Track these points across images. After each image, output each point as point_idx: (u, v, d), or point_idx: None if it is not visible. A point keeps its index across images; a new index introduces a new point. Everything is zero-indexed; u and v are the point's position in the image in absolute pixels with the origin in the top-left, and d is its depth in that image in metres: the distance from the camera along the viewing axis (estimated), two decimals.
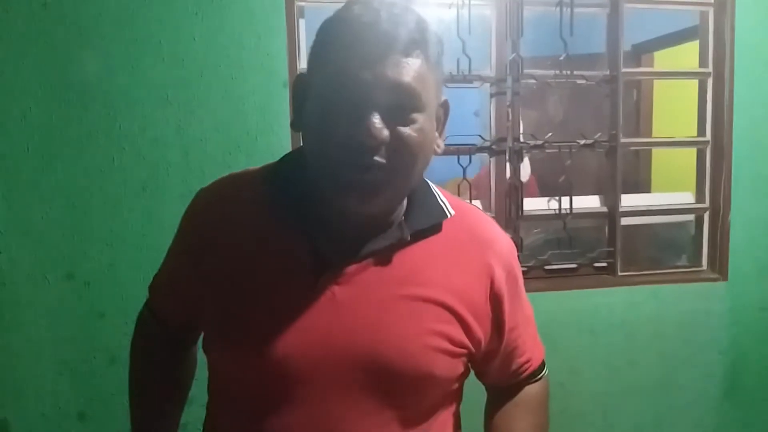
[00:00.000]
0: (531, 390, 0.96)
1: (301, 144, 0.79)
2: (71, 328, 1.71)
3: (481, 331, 0.83)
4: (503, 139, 2.01)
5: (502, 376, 0.94)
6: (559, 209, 2.06)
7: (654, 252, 2.61)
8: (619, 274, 2.08)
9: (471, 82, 1.99)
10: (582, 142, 2.04)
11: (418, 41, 0.71)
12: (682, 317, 2.07)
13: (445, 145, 2.01)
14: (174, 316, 0.94)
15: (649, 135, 3.32)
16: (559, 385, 1.96)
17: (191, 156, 1.73)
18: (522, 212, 2.04)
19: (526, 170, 2.15)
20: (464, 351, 0.82)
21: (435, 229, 0.83)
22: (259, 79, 1.74)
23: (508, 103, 2.00)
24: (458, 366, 0.82)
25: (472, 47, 1.94)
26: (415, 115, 0.72)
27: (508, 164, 2.03)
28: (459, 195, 1.74)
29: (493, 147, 2.02)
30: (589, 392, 2.05)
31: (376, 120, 0.69)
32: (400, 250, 0.80)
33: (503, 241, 0.89)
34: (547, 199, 2.12)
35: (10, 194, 1.65)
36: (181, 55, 1.70)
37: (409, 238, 0.80)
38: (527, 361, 0.94)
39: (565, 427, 2.02)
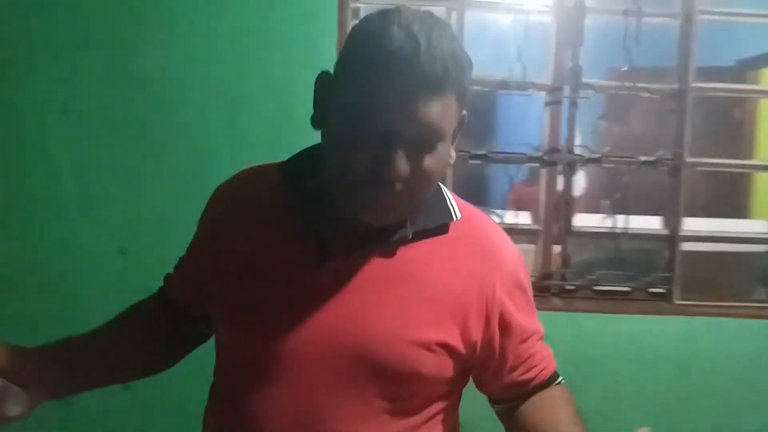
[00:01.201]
0: (558, 388, 0.92)
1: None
2: (122, 300, 1.81)
3: (476, 336, 0.82)
4: (555, 150, 1.94)
5: (516, 382, 0.89)
6: (614, 228, 1.95)
7: (722, 282, 2.40)
8: (676, 302, 1.94)
9: (526, 89, 1.94)
10: (643, 158, 1.93)
11: (452, 75, 0.71)
12: (744, 356, 1.89)
13: (496, 153, 1.95)
14: (183, 301, 0.97)
15: (750, 157, 3.07)
16: (599, 414, 1.84)
17: (239, 147, 1.80)
18: (571, 228, 1.95)
19: (580, 184, 2.06)
20: (454, 354, 0.81)
21: (440, 230, 0.83)
22: (309, 78, 1.74)
23: (566, 113, 1.93)
24: (447, 367, 0.81)
25: (528, 54, 1.90)
26: (437, 144, 0.73)
27: (561, 176, 1.96)
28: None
29: (545, 158, 1.95)
30: (633, 426, 1.91)
31: (401, 158, 0.70)
32: (403, 247, 0.81)
33: (509, 250, 0.88)
34: (602, 216, 2.02)
35: (77, 173, 1.79)
36: (234, 51, 1.78)
37: (410, 236, 0.80)
38: (543, 369, 0.90)
39: None
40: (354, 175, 0.73)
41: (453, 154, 0.82)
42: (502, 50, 1.91)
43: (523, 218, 2.04)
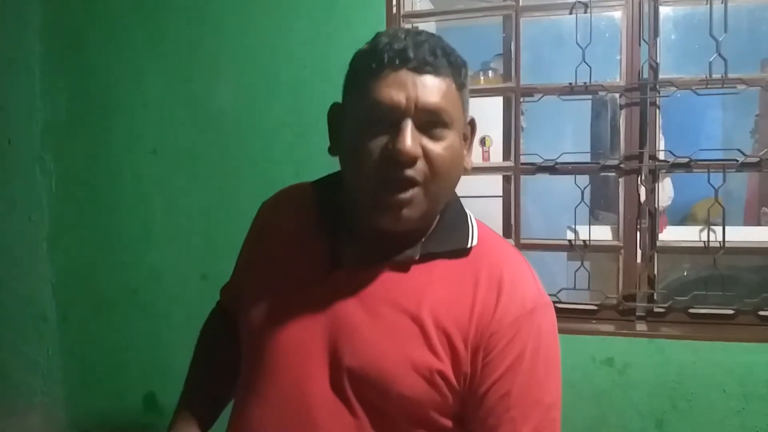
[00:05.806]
0: None
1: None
2: (203, 318, 1.98)
3: (465, 368, 0.81)
4: (634, 157, 1.74)
5: None
6: (707, 242, 1.70)
7: None
8: None
9: (595, 93, 1.78)
10: (741, 159, 1.66)
11: (444, 64, 0.78)
12: None
13: (565, 164, 1.83)
14: (233, 307, 1.05)
15: None
16: None
17: (301, 174, 1.86)
18: (656, 242, 1.74)
19: (667, 193, 1.83)
20: (442, 381, 0.81)
21: (454, 254, 0.85)
22: None
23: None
24: (432, 393, 0.81)
25: (596, 54, 1.74)
26: (444, 132, 0.78)
27: (642, 186, 1.75)
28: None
29: (622, 166, 1.76)
30: None
31: (409, 137, 0.76)
32: (412, 266, 0.84)
33: (525, 295, 0.84)
34: (698, 228, 1.77)
35: (166, 207, 2.01)
36: (295, 84, 1.88)
37: (417, 257, 0.83)
38: None
39: None
40: (372, 171, 0.78)
41: (469, 161, 0.86)
42: (566, 54, 1.77)
43: (602, 233, 1.86)
